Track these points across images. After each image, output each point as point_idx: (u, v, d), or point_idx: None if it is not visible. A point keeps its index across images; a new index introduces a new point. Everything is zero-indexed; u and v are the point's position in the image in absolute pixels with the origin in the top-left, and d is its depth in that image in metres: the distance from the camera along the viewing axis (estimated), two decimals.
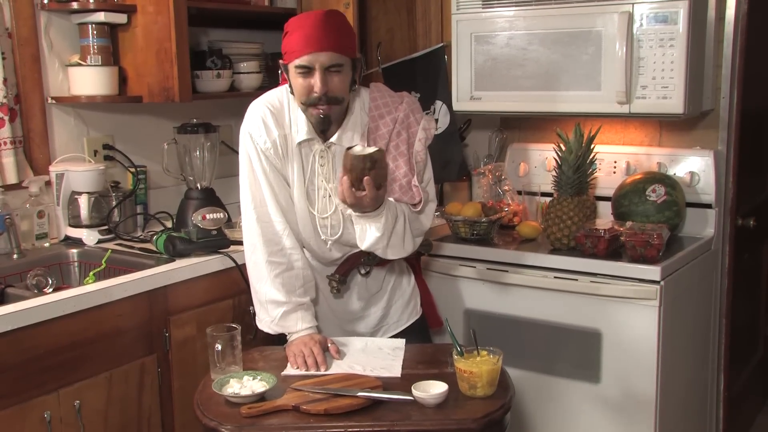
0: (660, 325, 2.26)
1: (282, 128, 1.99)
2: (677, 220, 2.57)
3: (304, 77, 1.89)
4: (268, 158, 1.98)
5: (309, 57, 1.86)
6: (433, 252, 2.60)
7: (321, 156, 2.00)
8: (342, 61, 1.89)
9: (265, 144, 1.97)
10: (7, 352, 1.83)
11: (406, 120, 2.02)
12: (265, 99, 2.04)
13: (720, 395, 2.85)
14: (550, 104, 2.58)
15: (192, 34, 2.68)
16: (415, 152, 2.00)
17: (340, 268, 2.12)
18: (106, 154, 2.76)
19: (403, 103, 2.04)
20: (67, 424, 1.96)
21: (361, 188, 1.80)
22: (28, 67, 2.52)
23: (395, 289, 2.22)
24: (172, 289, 2.21)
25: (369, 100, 2.03)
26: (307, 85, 1.89)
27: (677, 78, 2.36)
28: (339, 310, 2.18)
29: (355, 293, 2.17)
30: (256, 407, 1.66)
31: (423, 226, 2.07)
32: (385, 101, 2.03)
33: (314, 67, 1.87)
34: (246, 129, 2.01)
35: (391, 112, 2.02)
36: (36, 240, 2.50)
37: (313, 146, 2.00)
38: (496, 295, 2.52)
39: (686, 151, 2.69)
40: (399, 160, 1.99)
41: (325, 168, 2.01)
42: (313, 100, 1.90)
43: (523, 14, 2.57)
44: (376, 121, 2.01)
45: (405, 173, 1.98)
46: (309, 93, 1.90)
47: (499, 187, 2.90)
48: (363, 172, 1.78)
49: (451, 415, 1.64)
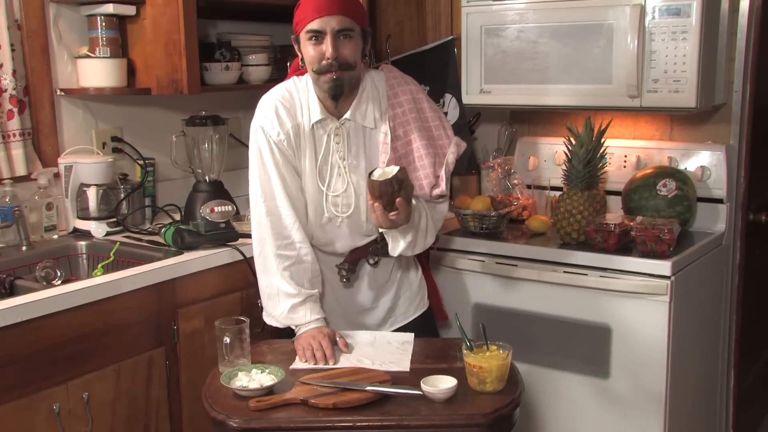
0: (670, 320, 2.24)
1: (294, 119, 1.99)
2: (688, 214, 2.55)
3: (315, 44, 1.90)
4: (281, 150, 1.98)
5: (320, 21, 1.87)
6: (442, 246, 2.59)
7: (336, 134, 2.00)
8: (352, 26, 1.90)
9: (278, 136, 1.97)
10: (16, 344, 1.83)
11: (418, 94, 2.07)
12: (276, 92, 2.04)
13: (730, 391, 2.83)
14: (560, 98, 2.56)
15: (201, 26, 2.68)
16: (446, 163, 2.04)
17: (349, 257, 2.13)
18: (114, 147, 2.76)
19: (411, 84, 2.09)
20: (75, 416, 1.96)
21: (394, 209, 1.83)
22: (37, 58, 2.52)
23: (403, 280, 2.22)
24: (181, 282, 2.21)
25: (385, 80, 2.05)
26: (319, 51, 1.89)
27: (689, 72, 2.34)
28: (347, 303, 2.18)
29: (365, 283, 2.17)
30: (265, 401, 1.66)
31: (442, 216, 2.11)
32: (399, 81, 2.07)
33: (325, 32, 1.88)
34: (257, 123, 2.01)
35: (405, 93, 2.05)
36: (45, 232, 2.51)
37: (327, 126, 2.00)
38: (506, 289, 2.51)
39: (697, 146, 2.67)
40: (420, 141, 2.02)
41: (340, 145, 2.01)
42: (325, 66, 1.90)
43: (534, 7, 2.55)
44: (399, 97, 2.04)
45: (426, 155, 2.02)
46: (321, 59, 1.90)
47: (508, 180, 2.89)
48: (393, 195, 1.81)
49: (460, 410, 1.63)
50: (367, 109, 2.01)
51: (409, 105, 2.04)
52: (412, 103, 2.04)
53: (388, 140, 2.00)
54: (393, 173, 1.81)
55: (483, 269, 2.54)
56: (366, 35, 1.97)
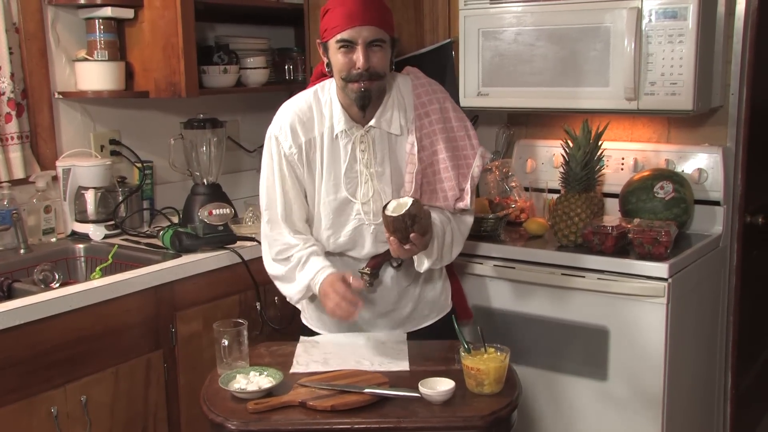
0: (667, 322, 2.25)
1: (309, 132, 1.99)
2: (685, 217, 2.55)
3: (346, 53, 1.89)
4: (289, 163, 1.99)
5: (352, 31, 1.86)
6: None
7: (361, 141, 2.00)
8: (384, 37, 1.90)
9: (290, 149, 1.97)
10: (14, 347, 1.83)
11: (445, 103, 2.07)
12: (295, 103, 2.03)
13: (727, 393, 2.83)
14: (557, 100, 2.57)
15: (199, 29, 2.68)
16: (472, 176, 2.04)
17: (372, 261, 2.09)
18: (112, 149, 2.76)
19: (438, 92, 2.08)
20: (73, 418, 1.96)
21: (410, 241, 1.83)
22: (35, 62, 2.53)
23: (427, 282, 2.18)
24: (179, 285, 2.21)
25: (411, 87, 2.04)
26: (349, 60, 1.89)
27: (686, 74, 2.35)
28: (369, 306, 2.11)
29: (388, 286, 2.12)
30: (263, 403, 1.66)
31: (467, 227, 2.12)
32: (426, 90, 2.06)
33: (357, 42, 1.87)
34: (272, 132, 2.02)
35: (433, 102, 2.04)
36: (43, 235, 2.51)
37: (352, 134, 2.00)
38: (503, 291, 2.51)
39: (695, 148, 2.68)
40: (446, 152, 2.02)
41: (365, 153, 2.00)
42: (354, 76, 1.89)
43: (531, 10, 2.56)
44: (426, 107, 2.03)
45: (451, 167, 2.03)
46: (350, 68, 1.89)
47: (506, 183, 2.89)
48: (407, 231, 1.81)
49: (457, 413, 1.64)
50: (393, 116, 2.00)
51: (436, 115, 2.03)
52: (438, 113, 2.04)
53: (415, 151, 2.00)
54: (406, 207, 1.79)
55: (481, 272, 2.54)
56: (394, 43, 1.97)
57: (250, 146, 3.16)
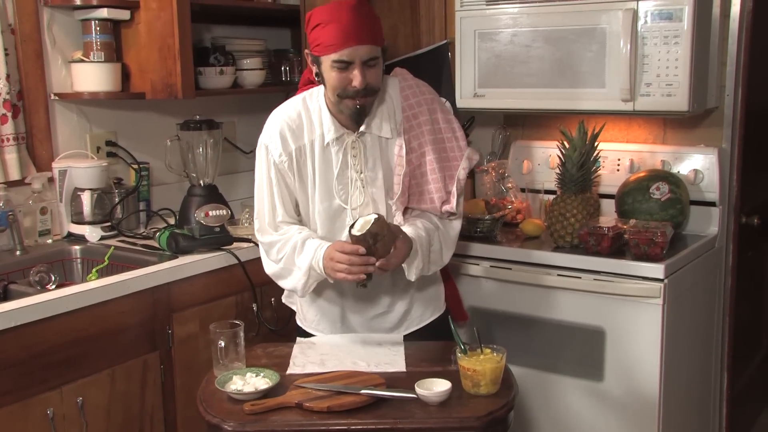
0: (663, 323, 2.25)
1: (299, 140, 1.98)
2: (681, 218, 2.56)
3: (341, 71, 1.87)
4: (279, 171, 1.98)
5: (348, 51, 1.84)
6: None
7: (353, 147, 1.99)
8: (378, 54, 1.90)
9: (280, 157, 1.97)
10: (10, 349, 1.83)
11: (432, 104, 2.05)
12: (283, 112, 2.02)
13: (723, 393, 2.84)
14: (553, 102, 2.57)
15: (195, 30, 2.68)
16: (458, 179, 2.03)
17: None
18: (108, 151, 2.76)
19: (425, 93, 2.07)
20: (69, 420, 1.96)
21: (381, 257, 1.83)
22: (31, 63, 2.52)
23: (420, 284, 2.16)
24: (175, 286, 2.21)
25: (399, 89, 2.04)
26: (344, 78, 1.87)
27: (682, 75, 2.35)
28: (363, 307, 2.13)
29: (382, 287, 2.12)
30: (259, 404, 1.66)
31: (455, 233, 2.09)
32: (413, 91, 2.05)
33: (354, 62, 1.86)
34: (262, 140, 2.01)
35: (421, 104, 2.03)
36: (39, 236, 2.51)
37: (343, 141, 1.99)
38: (500, 292, 2.52)
39: (690, 149, 2.68)
40: (433, 154, 2.01)
41: (357, 159, 2.00)
42: (351, 93, 1.89)
43: (527, 11, 2.56)
44: (414, 108, 2.02)
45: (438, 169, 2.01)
46: (346, 86, 1.88)
47: (502, 184, 2.89)
48: (372, 248, 1.81)
49: (454, 414, 1.64)
50: (383, 120, 1.99)
51: (424, 117, 2.02)
52: (426, 114, 2.03)
53: (403, 153, 1.99)
54: (368, 226, 1.79)
55: (477, 272, 2.54)
56: (384, 51, 1.96)
57: (246, 147, 3.15)
